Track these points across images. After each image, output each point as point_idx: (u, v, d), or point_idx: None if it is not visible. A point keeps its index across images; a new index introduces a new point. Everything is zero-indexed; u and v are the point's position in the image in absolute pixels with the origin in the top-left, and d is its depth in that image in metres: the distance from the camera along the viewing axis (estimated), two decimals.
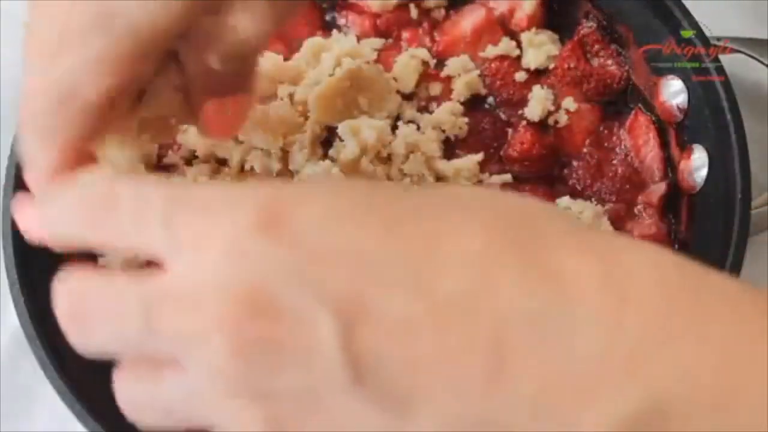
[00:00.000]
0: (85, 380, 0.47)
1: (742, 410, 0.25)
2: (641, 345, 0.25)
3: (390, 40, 0.59)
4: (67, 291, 0.31)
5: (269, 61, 0.55)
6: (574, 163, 0.57)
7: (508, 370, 0.25)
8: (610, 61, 0.58)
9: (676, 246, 0.54)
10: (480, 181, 0.55)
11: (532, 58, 0.58)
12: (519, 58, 0.59)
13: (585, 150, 0.57)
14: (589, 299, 0.26)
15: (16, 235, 0.49)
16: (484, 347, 0.25)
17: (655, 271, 0.27)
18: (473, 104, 0.58)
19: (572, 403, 0.25)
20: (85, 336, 0.30)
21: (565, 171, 0.57)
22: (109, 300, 0.29)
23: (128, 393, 0.30)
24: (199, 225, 0.27)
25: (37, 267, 0.50)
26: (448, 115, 0.56)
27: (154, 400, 0.30)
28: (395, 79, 0.57)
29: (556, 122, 0.57)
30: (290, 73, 0.55)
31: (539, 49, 0.58)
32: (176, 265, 0.27)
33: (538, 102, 0.56)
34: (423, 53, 0.58)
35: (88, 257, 0.53)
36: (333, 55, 0.54)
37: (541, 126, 0.57)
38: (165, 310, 0.27)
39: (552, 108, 0.57)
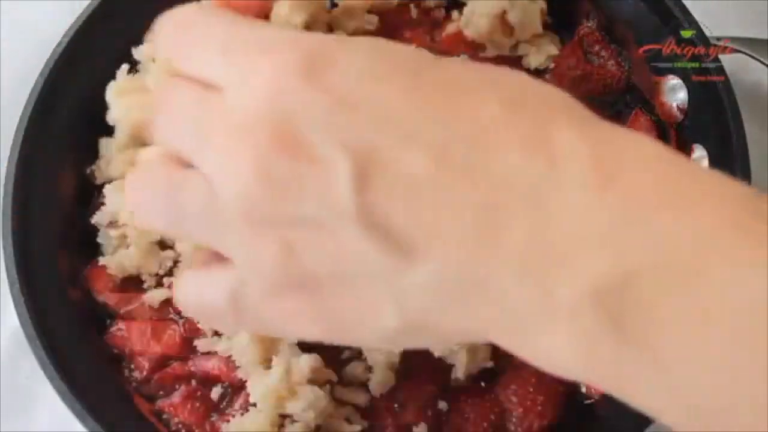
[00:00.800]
0: (85, 380, 0.48)
1: (712, 284, 0.26)
2: (619, 218, 0.26)
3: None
4: (164, 89, 0.34)
5: None
6: None
7: (499, 229, 0.27)
8: (610, 61, 0.58)
9: None
10: None
11: (532, 58, 0.58)
12: (519, 58, 0.59)
13: None
14: (577, 173, 0.27)
15: (16, 235, 0.49)
16: (480, 207, 0.27)
17: (646, 157, 0.28)
18: None
19: (551, 267, 0.27)
20: (160, 123, 0.33)
21: None
22: (180, 101, 0.32)
23: (150, 187, 0.33)
24: (252, 61, 0.30)
25: (37, 267, 0.50)
26: None
27: (171, 202, 0.32)
28: None
29: None
30: None
31: (539, 49, 0.58)
32: (230, 90, 0.30)
33: None
34: None
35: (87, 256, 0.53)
36: None
37: None
38: (213, 122, 0.30)
39: None
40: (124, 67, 0.55)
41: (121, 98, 0.54)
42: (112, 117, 0.54)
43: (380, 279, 0.29)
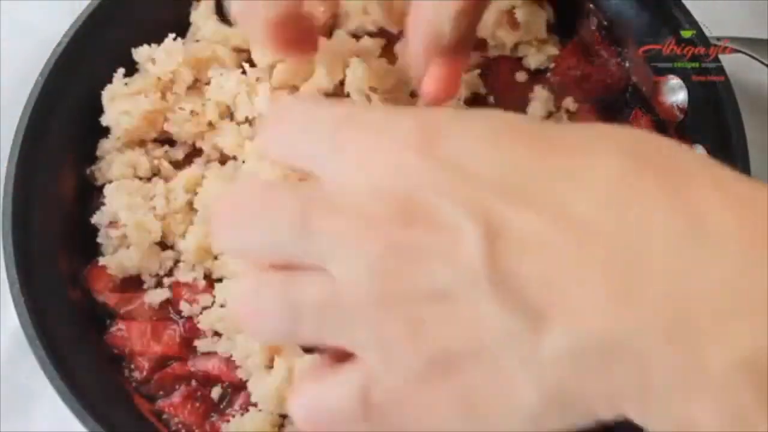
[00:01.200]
0: (85, 380, 0.48)
1: None
2: None
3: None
4: (229, 194, 0.33)
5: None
6: None
7: (638, 292, 0.26)
8: (610, 61, 0.58)
9: None
10: None
11: (532, 59, 0.58)
12: (520, 58, 0.59)
13: None
14: (724, 234, 0.26)
15: (16, 235, 0.49)
16: (614, 267, 0.26)
17: None
18: (473, 104, 0.58)
19: (700, 334, 0.25)
20: (236, 232, 0.32)
21: None
22: (268, 200, 0.31)
23: (256, 294, 0.31)
24: (363, 141, 0.30)
25: (37, 267, 0.50)
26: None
27: (285, 303, 0.30)
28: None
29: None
30: (302, 74, 0.56)
31: (539, 49, 0.58)
32: (337, 174, 0.30)
33: (541, 103, 0.56)
34: None
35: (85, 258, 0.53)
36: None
37: None
38: (322, 211, 0.29)
39: (553, 108, 0.57)
40: (121, 71, 0.56)
41: (114, 102, 0.55)
42: (106, 120, 0.55)
43: (516, 350, 0.27)
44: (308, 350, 0.50)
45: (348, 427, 0.31)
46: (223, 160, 0.55)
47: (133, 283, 0.53)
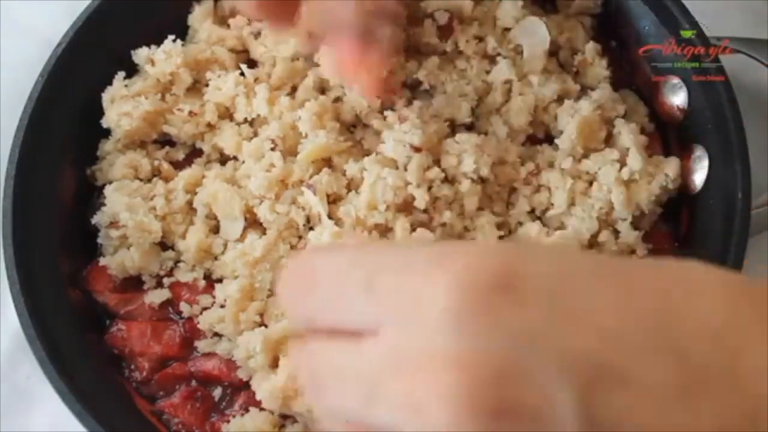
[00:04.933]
0: (85, 380, 0.48)
1: None
2: None
3: None
4: (305, 353, 0.29)
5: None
6: None
7: None
8: (604, 61, 0.58)
9: (677, 245, 0.54)
10: None
11: None
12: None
13: None
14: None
15: (16, 235, 0.49)
16: (743, 420, 0.24)
17: None
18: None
19: None
20: (319, 399, 0.29)
21: None
22: (334, 370, 0.27)
23: None
24: (407, 289, 0.25)
25: (37, 267, 0.50)
26: None
27: None
28: None
29: None
30: (300, 74, 0.56)
31: None
32: (390, 332, 0.25)
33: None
34: None
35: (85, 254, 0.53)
36: None
37: None
38: (385, 381, 0.25)
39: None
40: (121, 74, 0.56)
41: (115, 104, 0.55)
42: (106, 122, 0.55)
43: None
44: None
45: None
46: (223, 160, 0.55)
47: (133, 284, 0.53)
